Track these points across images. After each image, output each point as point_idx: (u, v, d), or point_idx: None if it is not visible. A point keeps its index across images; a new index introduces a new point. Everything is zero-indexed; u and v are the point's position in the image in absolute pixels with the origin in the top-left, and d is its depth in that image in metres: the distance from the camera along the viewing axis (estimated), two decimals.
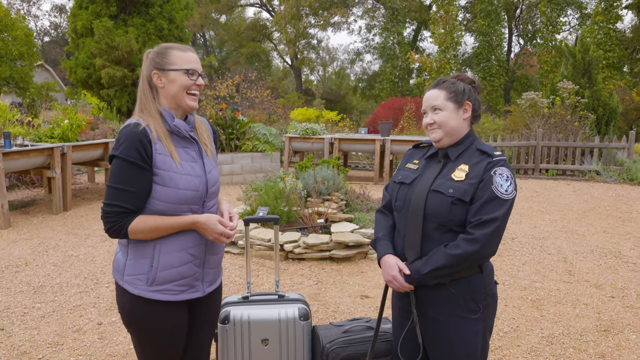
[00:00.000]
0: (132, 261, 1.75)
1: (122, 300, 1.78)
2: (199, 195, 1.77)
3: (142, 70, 1.81)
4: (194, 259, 1.79)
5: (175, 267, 1.74)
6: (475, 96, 1.91)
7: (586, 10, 26.52)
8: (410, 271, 1.82)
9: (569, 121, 11.95)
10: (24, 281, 4.39)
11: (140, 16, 16.65)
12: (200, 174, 1.78)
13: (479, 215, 1.73)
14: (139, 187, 1.67)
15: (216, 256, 1.89)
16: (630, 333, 3.44)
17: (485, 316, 1.83)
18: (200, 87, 1.79)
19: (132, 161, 1.65)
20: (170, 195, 1.70)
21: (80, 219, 6.82)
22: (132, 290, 1.74)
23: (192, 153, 1.80)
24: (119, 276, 1.78)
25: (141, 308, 1.75)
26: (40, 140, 7.44)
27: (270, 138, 10.67)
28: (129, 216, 1.67)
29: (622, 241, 5.83)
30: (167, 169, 1.69)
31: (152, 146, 1.68)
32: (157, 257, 1.73)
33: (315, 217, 5.52)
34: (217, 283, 1.94)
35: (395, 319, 2.03)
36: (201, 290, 1.84)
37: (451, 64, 22.13)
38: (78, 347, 3.19)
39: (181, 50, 1.76)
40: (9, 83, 16.99)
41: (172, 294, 1.76)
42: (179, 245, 1.74)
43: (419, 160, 1.99)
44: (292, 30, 31.22)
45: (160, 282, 1.74)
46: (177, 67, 1.73)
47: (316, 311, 3.76)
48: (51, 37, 40.74)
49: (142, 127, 1.68)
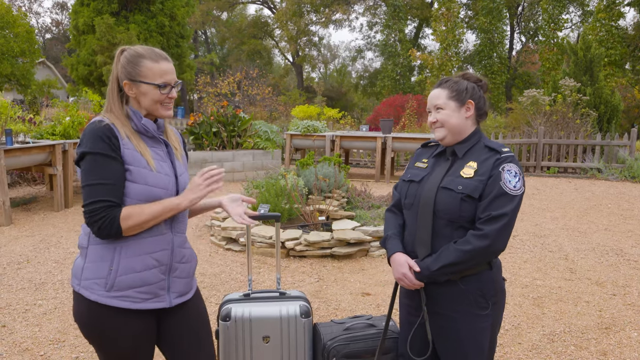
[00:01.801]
0: (90, 264, 1.63)
1: (79, 308, 1.65)
2: (169, 195, 1.69)
3: (113, 71, 1.71)
4: (159, 264, 1.68)
5: (138, 271, 1.64)
6: (480, 94, 1.91)
7: (588, 8, 26.42)
8: (420, 268, 1.83)
9: (571, 119, 11.93)
10: (25, 278, 4.40)
11: (141, 13, 16.64)
12: (170, 173, 1.73)
13: (488, 211, 1.74)
14: (116, 178, 1.59)
15: (186, 264, 1.79)
16: (631, 331, 3.43)
17: (494, 312, 1.85)
18: (172, 99, 1.73)
19: (103, 153, 1.58)
20: (141, 192, 1.63)
21: (81, 215, 6.81)
22: (89, 295, 1.61)
23: (160, 152, 1.74)
24: (76, 282, 1.66)
25: (98, 315, 1.62)
26: (41, 137, 7.45)
27: (272, 135, 10.67)
28: (115, 209, 1.57)
29: (623, 239, 5.82)
30: (136, 165, 1.63)
31: (120, 140, 1.62)
32: (117, 260, 1.62)
33: (317, 214, 5.52)
34: (188, 295, 1.82)
35: (403, 316, 2.04)
36: (167, 301, 1.72)
37: (453, 62, 22.11)
38: (79, 344, 3.19)
39: (153, 60, 1.67)
40: (11, 80, 17.00)
41: (132, 302, 1.64)
42: (142, 249, 1.65)
43: (427, 158, 2.00)
44: (294, 28, 31.19)
45: (119, 287, 1.62)
46: (149, 81, 1.66)
47: (317, 308, 3.77)
48: (53, 34, 40.74)
49: (106, 122, 1.62)
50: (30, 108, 15.15)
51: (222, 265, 4.82)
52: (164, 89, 1.68)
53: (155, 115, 1.73)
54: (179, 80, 1.76)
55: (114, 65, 1.72)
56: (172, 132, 1.87)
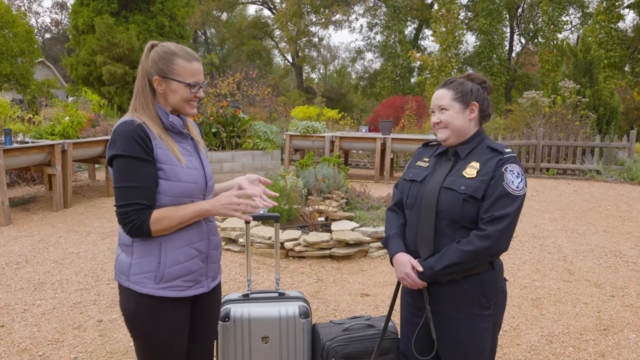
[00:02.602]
0: (138, 260, 1.71)
1: (128, 302, 1.73)
2: (199, 188, 1.76)
3: (142, 66, 1.74)
4: (199, 253, 1.78)
5: (182, 262, 1.73)
6: (484, 96, 1.91)
7: (588, 10, 26.47)
8: (423, 268, 1.84)
9: (570, 120, 11.94)
10: (24, 278, 4.39)
11: (141, 13, 16.64)
12: (198, 167, 1.78)
13: (491, 211, 1.75)
14: (148, 181, 1.63)
15: (217, 251, 1.89)
16: (629, 332, 3.44)
17: (496, 312, 1.85)
18: (199, 98, 1.77)
19: (137, 156, 1.61)
20: (174, 189, 1.68)
21: (80, 216, 6.82)
22: (141, 289, 1.70)
23: (187, 147, 1.79)
24: (124, 278, 1.73)
25: (150, 307, 1.71)
26: (40, 137, 7.45)
27: (271, 136, 10.66)
28: (146, 212, 1.64)
29: (622, 240, 5.83)
30: (169, 163, 1.68)
31: (152, 141, 1.65)
32: (164, 254, 1.70)
33: (316, 215, 5.52)
34: (218, 278, 1.93)
35: (404, 316, 2.05)
36: (206, 286, 1.83)
37: (452, 63, 22.12)
38: (78, 344, 3.19)
39: (187, 60, 1.70)
40: (10, 80, 16.99)
41: (179, 290, 1.74)
42: (185, 241, 1.73)
43: (429, 158, 2.00)
44: (294, 28, 31.21)
45: (168, 278, 1.71)
46: (181, 80, 1.69)
47: (316, 309, 3.77)
48: (52, 34, 40.72)
49: (138, 122, 1.65)
50: (29, 108, 15.15)
51: (221, 265, 4.81)
52: (194, 88, 1.72)
53: (181, 113, 1.78)
54: (206, 81, 1.81)
55: (143, 61, 1.73)
56: (193, 126, 1.92)
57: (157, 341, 1.75)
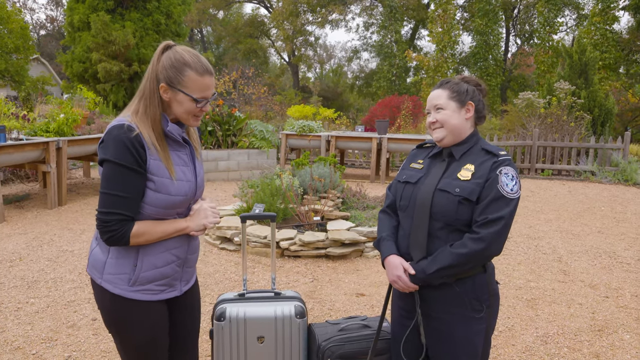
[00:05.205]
0: (114, 260, 1.67)
1: (102, 299, 1.72)
2: (187, 200, 1.73)
3: (152, 68, 1.65)
4: (177, 259, 1.76)
5: (159, 267, 1.70)
6: (479, 97, 1.91)
7: (583, 11, 26.58)
8: (415, 271, 1.82)
9: (565, 121, 11.99)
10: (17, 276, 4.36)
11: (137, 11, 16.56)
12: (191, 178, 1.74)
13: (485, 214, 1.73)
14: (135, 192, 1.59)
15: (194, 255, 1.87)
16: (624, 333, 3.45)
17: (488, 315, 1.84)
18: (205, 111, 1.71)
19: (128, 166, 1.56)
20: (161, 201, 1.64)
21: (75, 213, 6.79)
22: (112, 289, 1.67)
23: (184, 157, 1.74)
24: (97, 274, 1.70)
25: (121, 307, 1.69)
26: (35, 134, 7.40)
27: (267, 135, 10.65)
28: (128, 224, 1.60)
29: (616, 241, 5.86)
30: (161, 175, 1.63)
31: (146, 151, 1.60)
32: (141, 258, 1.67)
33: (312, 214, 5.51)
34: (192, 281, 1.92)
35: (395, 319, 2.03)
36: (178, 289, 1.82)
37: (448, 63, 22.16)
38: (72, 342, 3.17)
39: (198, 73, 1.62)
40: (4, 76, 16.88)
41: (152, 294, 1.72)
42: (164, 247, 1.70)
43: (423, 160, 1.98)
44: (290, 27, 31.16)
45: (142, 282, 1.69)
46: (189, 93, 1.62)
47: (312, 309, 3.76)
48: (47, 30, 40.48)
49: (136, 132, 1.58)
50: (24, 104, 15.06)
51: (216, 264, 4.80)
52: (200, 102, 1.65)
53: (183, 123, 1.72)
54: (216, 92, 1.73)
55: (154, 62, 1.64)
56: (194, 130, 1.87)
57: (132, 342, 1.74)
